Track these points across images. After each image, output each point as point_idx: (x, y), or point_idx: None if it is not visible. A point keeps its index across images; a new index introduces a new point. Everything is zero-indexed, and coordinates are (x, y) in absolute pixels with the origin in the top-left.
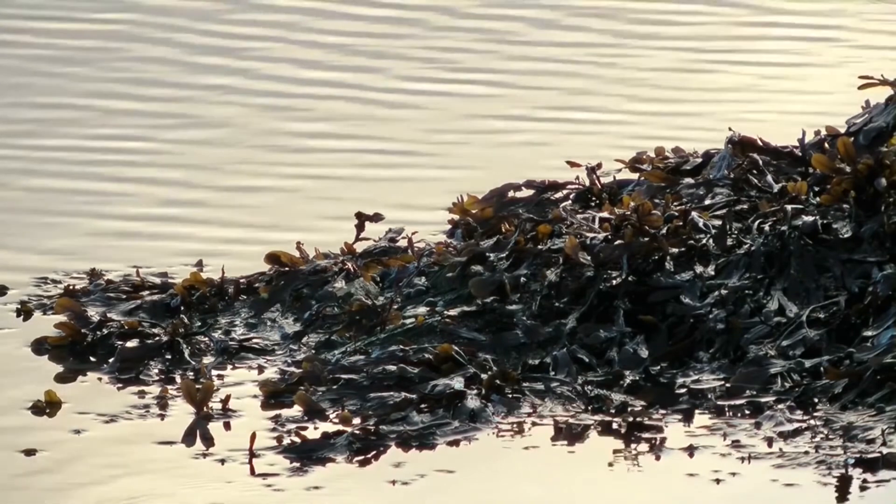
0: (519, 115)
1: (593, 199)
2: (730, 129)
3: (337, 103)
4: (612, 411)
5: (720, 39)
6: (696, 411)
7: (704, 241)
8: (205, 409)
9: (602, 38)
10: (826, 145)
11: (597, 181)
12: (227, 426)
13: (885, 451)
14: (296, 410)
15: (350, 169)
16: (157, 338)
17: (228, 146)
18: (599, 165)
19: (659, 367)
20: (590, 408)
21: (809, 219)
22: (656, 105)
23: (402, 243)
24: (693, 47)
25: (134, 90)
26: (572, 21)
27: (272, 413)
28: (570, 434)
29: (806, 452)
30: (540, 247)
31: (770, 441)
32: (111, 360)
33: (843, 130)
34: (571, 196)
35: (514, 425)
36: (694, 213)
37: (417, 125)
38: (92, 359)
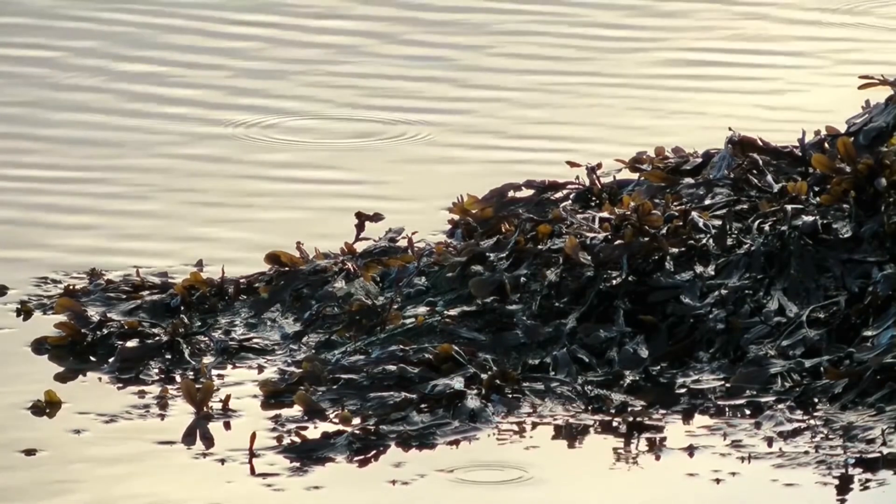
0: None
1: (593, 199)
2: (730, 129)
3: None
4: (612, 411)
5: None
6: (696, 411)
7: (704, 241)
8: (205, 409)
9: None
10: (826, 145)
11: (597, 181)
12: (227, 426)
13: (885, 451)
14: (296, 410)
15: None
16: (157, 338)
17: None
18: (599, 165)
19: (659, 367)
20: (590, 408)
21: (809, 219)
22: (655, 105)
23: (402, 243)
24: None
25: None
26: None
27: (272, 413)
28: (570, 434)
29: (806, 452)
30: (540, 247)
31: (770, 441)
32: (111, 360)
33: (843, 130)
34: (571, 196)
35: (514, 425)
36: (694, 213)
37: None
38: (92, 359)
